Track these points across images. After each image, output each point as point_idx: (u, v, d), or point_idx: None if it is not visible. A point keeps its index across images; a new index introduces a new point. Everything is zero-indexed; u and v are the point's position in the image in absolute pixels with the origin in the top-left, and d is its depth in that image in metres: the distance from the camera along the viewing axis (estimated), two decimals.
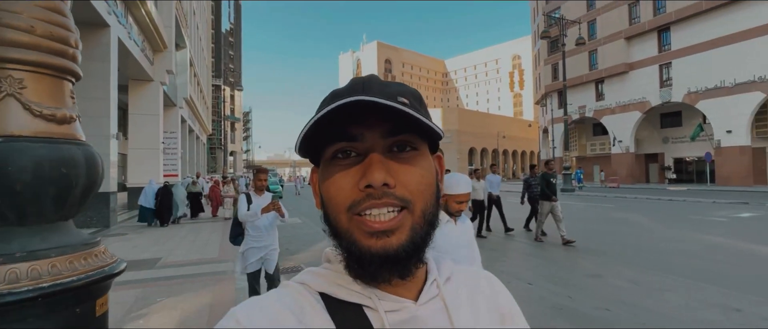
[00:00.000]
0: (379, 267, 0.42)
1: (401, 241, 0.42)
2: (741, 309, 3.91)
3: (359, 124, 0.43)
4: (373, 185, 0.41)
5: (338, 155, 0.44)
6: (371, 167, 0.41)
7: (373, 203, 0.41)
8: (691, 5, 27.19)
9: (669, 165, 32.58)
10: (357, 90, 0.44)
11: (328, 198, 0.44)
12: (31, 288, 0.98)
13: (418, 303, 0.46)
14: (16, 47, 1.05)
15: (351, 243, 0.42)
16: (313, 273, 0.48)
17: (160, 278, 5.12)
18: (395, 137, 0.44)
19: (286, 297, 0.45)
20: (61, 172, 1.08)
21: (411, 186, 0.43)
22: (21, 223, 1.05)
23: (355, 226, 0.42)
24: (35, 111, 1.06)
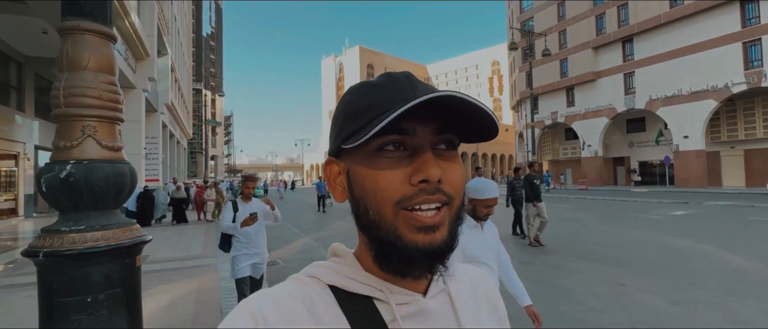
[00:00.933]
0: (422, 262, 0.42)
1: (444, 236, 0.43)
2: (624, 283, 4.90)
3: (412, 119, 0.43)
4: (430, 181, 0.42)
5: (387, 147, 0.44)
6: (428, 163, 0.42)
7: (426, 198, 0.42)
8: (652, 18, 29.07)
9: (635, 168, 34.44)
10: (404, 85, 0.45)
11: (373, 191, 0.43)
12: (104, 245, 1.75)
13: (426, 296, 0.47)
14: (92, 107, 1.82)
15: (396, 238, 0.42)
16: (322, 267, 0.48)
17: (149, 271, 5.79)
18: (443, 135, 0.45)
19: (297, 291, 0.45)
20: (117, 180, 1.85)
21: (455, 184, 0.44)
22: (95, 209, 1.81)
23: (402, 220, 0.42)
24: (102, 144, 1.83)
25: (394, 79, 0.47)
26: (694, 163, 27.23)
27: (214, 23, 75.32)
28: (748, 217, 11.50)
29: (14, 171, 14.71)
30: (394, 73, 0.48)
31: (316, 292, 0.45)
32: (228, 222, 3.54)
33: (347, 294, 0.45)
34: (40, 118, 16.68)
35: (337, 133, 0.48)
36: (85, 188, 1.79)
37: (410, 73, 0.48)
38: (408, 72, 0.48)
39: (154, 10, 17.29)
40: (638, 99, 30.68)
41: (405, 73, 0.48)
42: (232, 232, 3.56)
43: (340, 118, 0.48)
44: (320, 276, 0.47)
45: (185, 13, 39.98)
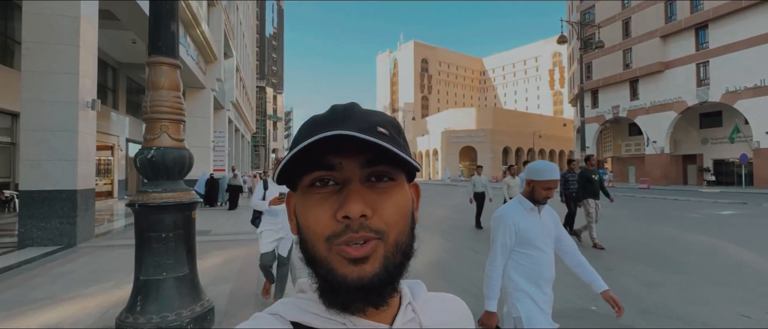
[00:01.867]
0: (355, 296, 0.42)
1: (375, 269, 0.42)
2: (612, 268, 5.23)
3: (338, 154, 0.43)
4: (352, 217, 0.41)
5: (316, 183, 0.44)
6: (349, 198, 0.42)
7: (351, 236, 0.41)
8: (729, 3, 26.44)
9: (708, 166, 31.57)
10: (337, 118, 0.45)
11: (305, 227, 0.44)
12: (172, 201, 2.75)
13: (393, 326, 0.47)
14: (165, 113, 2.81)
15: (328, 272, 0.42)
16: (285, 304, 0.48)
17: (210, 240, 7.10)
18: (373, 167, 0.44)
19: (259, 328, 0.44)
20: (181, 161, 2.85)
21: (386, 217, 0.44)
22: (167, 179, 2.82)
23: (334, 255, 0.42)
24: (172, 137, 2.82)
25: (334, 112, 0.47)
26: None
27: (276, 24, 79.82)
28: None
29: (110, 160, 17.45)
30: (338, 106, 0.48)
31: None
32: (257, 199, 3.80)
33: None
34: (130, 114, 19.47)
35: None
36: (161, 165, 2.80)
37: (353, 104, 0.48)
38: (352, 103, 0.48)
39: (221, 17, 19.35)
40: (712, 91, 28.07)
41: (348, 104, 0.48)
42: (261, 209, 3.76)
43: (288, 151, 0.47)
44: (282, 314, 0.47)
45: (250, 15, 43.19)
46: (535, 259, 1.91)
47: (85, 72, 6.63)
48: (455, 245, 7.35)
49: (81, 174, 6.48)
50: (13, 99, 11.01)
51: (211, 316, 2.97)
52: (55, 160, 6.29)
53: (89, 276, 4.68)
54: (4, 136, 11.63)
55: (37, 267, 5.08)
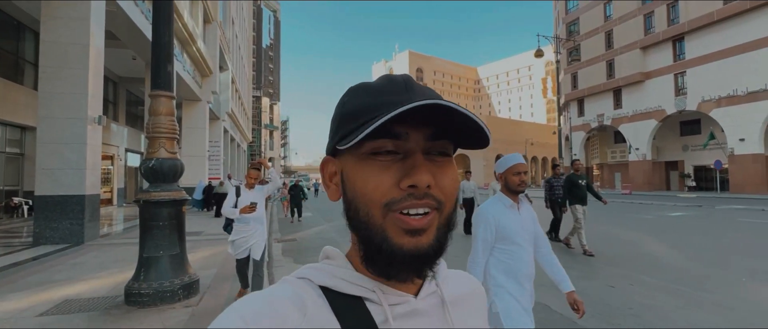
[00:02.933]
0: (408, 265, 0.42)
1: (430, 241, 0.43)
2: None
3: (405, 123, 0.43)
4: (419, 186, 0.41)
5: (380, 151, 0.44)
6: (418, 168, 0.42)
7: (414, 203, 0.42)
8: (704, 16, 27.76)
9: (689, 173, 32.67)
10: (400, 88, 0.46)
11: (362, 193, 0.44)
12: (167, 198, 3.71)
13: (418, 297, 0.47)
14: (163, 133, 3.78)
15: (383, 239, 0.42)
16: (313, 268, 0.48)
17: (201, 239, 8.02)
18: (435, 141, 0.45)
19: (288, 292, 0.44)
20: (174, 169, 3.81)
21: (446, 190, 0.44)
22: (164, 182, 3.78)
23: (391, 223, 0.42)
24: (168, 151, 3.78)
25: (391, 81, 0.47)
26: (751, 167, 25.58)
27: (273, 35, 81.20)
28: (740, 219, 11.78)
29: (111, 169, 18.35)
30: (394, 76, 0.48)
31: (307, 293, 0.45)
32: (229, 207, 3.80)
33: (339, 295, 0.45)
34: (130, 126, 20.42)
35: (334, 133, 0.48)
36: (159, 172, 3.77)
37: (409, 76, 0.48)
38: (407, 75, 0.48)
39: (217, 33, 20.42)
40: (690, 100, 29.27)
41: (404, 75, 0.48)
42: (231, 216, 3.78)
43: (336, 118, 0.48)
44: (311, 278, 0.47)
45: (246, 28, 44.43)
46: (514, 255, 1.94)
47: (93, 92, 7.60)
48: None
49: (89, 182, 7.42)
50: (24, 114, 11.97)
51: (196, 286, 3.91)
52: (66, 169, 7.23)
53: (98, 265, 5.60)
54: (14, 147, 12.56)
55: (52, 259, 5.99)
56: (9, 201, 11.83)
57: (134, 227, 10.39)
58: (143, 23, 10.36)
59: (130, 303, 3.57)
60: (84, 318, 3.36)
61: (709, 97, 27.95)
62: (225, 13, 25.24)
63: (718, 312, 3.86)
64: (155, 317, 3.36)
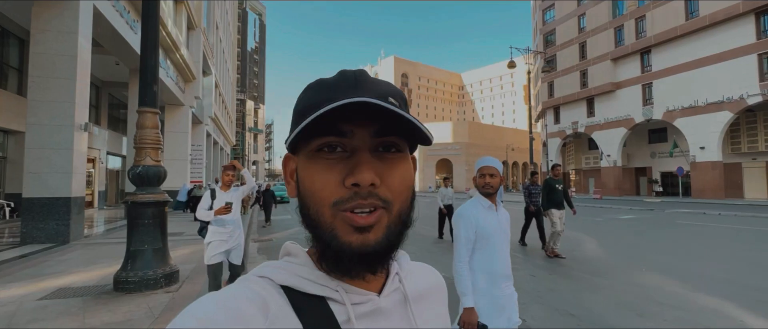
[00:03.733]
0: (357, 263, 0.42)
1: (377, 238, 0.43)
2: None
3: (349, 121, 0.43)
4: (362, 185, 0.41)
5: (324, 148, 0.44)
6: (360, 166, 0.42)
7: (359, 202, 0.42)
8: (668, 30, 29.45)
9: (656, 178, 34.32)
10: (348, 85, 0.45)
11: (311, 192, 0.44)
12: (152, 200, 4.34)
13: (381, 295, 0.47)
14: (148, 144, 4.40)
15: (332, 237, 0.42)
16: (273, 266, 0.47)
17: (182, 239, 8.56)
18: (383, 138, 0.45)
19: (247, 291, 0.43)
20: (158, 174, 4.43)
21: (393, 188, 0.44)
22: (148, 185, 4.40)
23: (340, 221, 0.42)
24: (152, 159, 4.41)
25: (344, 77, 0.47)
26: (710, 174, 27.20)
27: (258, 38, 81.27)
28: (678, 221, 13.02)
29: (92, 172, 18.53)
30: (347, 71, 0.47)
31: (268, 292, 0.43)
32: (203, 209, 3.67)
33: (301, 295, 0.44)
34: (111, 129, 20.61)
35: (290, 129, 0.47)
36: (145, 177, 4.39)
37: (362, 71, 0.48)
38: (361, 70, 0.48)
39: (200, 39, 20.84)
40: (656, 110, 30.90)
41: (357, 71, 0.48)
42: (206, 218, 3.65)
43: (293, 114, 0.48)
44: (272, 277, 0.45)
45: (230, 32, 44.67)
46: (491, 255, 1.97)
47: (80, 101, 8.09)
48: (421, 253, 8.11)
49: (75, 185, 7.89)
50: (6, 118, 12.24)
51: (176, 276, 4.53)
52: (53, 173, 7.70)
53: (85, 261, 6.12)
54: None
55: (40, 257, 6.48)
56: None
57: (115, 228, 10.83)
58: (127, 32, 10.83)
59: (119, 289, 4.17)
60: (78, 301, 3.94)
61: (673, 107, 29.59)
62: (209, 19, 25.63)
63: (607, 295, 4.67)
64: (140, 300, 3.96)
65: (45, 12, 7.86)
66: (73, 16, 7.98)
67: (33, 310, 3.70)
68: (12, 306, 3.79)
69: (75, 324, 3.30)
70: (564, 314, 3.99)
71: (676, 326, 3.64)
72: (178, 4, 17.04)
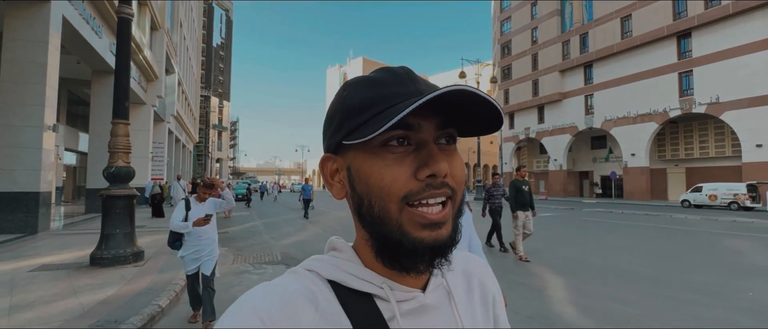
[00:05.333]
0: (427, 258, 0.42)
1: (449, 232, 0.43)
2: None
3: (416, 114, 0.42)
4: (438, 175, 0.41)
5: (392, 142, 0.43)
6: (435, 157, 0.42)
7: (433, 193, 0.41)
8: (606, 47, 32.46)
9: (597, 181, 37.55)
10: (404, 79, 0.45)
11: (378, 187, 0.43)
12: (122, 194, 5.44)
13: (426, 292, 0.47)
14: (120, 149, 5.49)
15: (402, 234, 0.42)
16: (321, 261, 0.47)
17: (144, 231, 9.48)
18: (445, 130, 0.45)
19: (299, 285, 0.43)
20: (128, 173, 5.53)
21: (458, 177, 0.44)
22: (120, 182, 5.49)
23: (407, 217, 0.42)
24: (123, 161, 5.49)
25: (394, 73, 0.46)
26: (639, 178, 30.36)
27: (225, 34, 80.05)
28: (585, 218, 15.20)
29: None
30: (393, 68, 0.47)
31: (317, 286, 0.44)
32: (178, 221, 3.58)
33: (347, 290, 0.44)
34: (69, 125, 20.63)
35: (336, 128, 0.46)
36: (117, 175, 5.49)
37: (408, 68, 0.47)
38: (406, 66, 0.47)
39: (164, 40, 21.27)
40: (596, 119, 33.94)
41: (403, 67, 0.47)
42: (182, 231, 3.59)
43: (338, 113, 0.47)
44: (319, 271, 0.46)
45: (195, 29, 44.36)
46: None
47: (49, 103, 8.85)
48: None
49: (43, 180, 8.65)
50: None
51: (142, 255, 5.65)
52: (23, 170, 8.43)
53: (58, 247, 7.03)
54: None
55: (13, 244, 7.28)
56: None
57: (76, 222, 11.51)
58: (92, 37, 11.51)
59: (95, 264, 5.23)
60: (62, 272, 4.99)
61: (610, 117, 32.65)
62: (173, 18, 25.90)
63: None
64: (114, 272, 5.06)
65: (16, 21, 8.57)
66: (43, 25, 8.72)
67: (26, 278, 4.73)
68: (7, 276, 4.80)
69: (64, 286, 4.39)
70: None
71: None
72: (141, 6, 17.52)
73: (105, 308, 3.71)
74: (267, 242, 9.09)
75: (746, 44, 24.34)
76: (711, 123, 28.04)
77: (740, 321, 3.97)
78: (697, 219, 15.51)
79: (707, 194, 21.77)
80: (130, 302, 3.90)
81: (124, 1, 5.57)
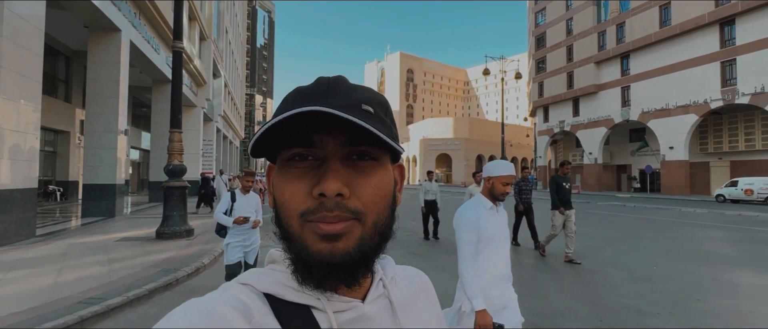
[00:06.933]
0: (327, 274, 0.41)
1: (348, 248, 0.41)
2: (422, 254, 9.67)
3: (320, 130, 0.42)
4: (327, 195, 0.40)
5: (295, 158, 0.43)
6: (326, 176, 0.41)
7: (325, 214, 0.41)
8: (644, 37, 31.50)
9: (635, 175, 36.50)
10: (321, 92, 0.44)
11: (281, 202, 0.43)
12: (178, 185, 7.23)
13: (365, 302, 0.47)
14: (176, 152, 7.27)
15: (302, 248, 0.42)
16: (257, 274, 0.47)
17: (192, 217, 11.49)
18: (355, 147, 0.43)
19: (230, 298, 0.42)
20: (182, 169, 7.32)
21: (364, 198, 0.43)
22: (176, 176, 7.27)
23: (308, 231, 0.41)
24: (178, 159, 7.27)
25: (318, 84, 0.46)
26: (677, 172, 29.38)
27: (267, 35, 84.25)
28: (589, 211, 15.62)
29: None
30: (322, 78, 0.46)
31: (251, 299, 0.43)
32: (222, 213, 3.79)
33: (283, 303, 0.44)
34: (133, 126, 23.67)
35: None
36: (174, 171, 7.30)
37: (339, 78, 0.46)
38: (339, 76, 0.47)
39: (211, 48, 23.75)
40: (633, 111, 33.02)
41: (334, 77, 0.46)
42: (225, 224, 3.76)
43: None
44: (254, 284, 0.45)
45: (240, 33, 47.63)
46: (492, 256, 1.97)
47: (121, 112, 11.02)
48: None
49: (118, 175, 10.83)
50: (57, 121, 15.30)
51: (192, 231, 7.43)
52: (103, 166, 10.64)
53: (131, 226, 9.03)
54: (50, 146, 15.92)
55: (100, 224, 9.39)
56: (45, 188, 15.18)
57: (142, 208, 13.83)
58: (152, 54, 13.73)
59: (159, 238, 7.05)
60: (137, 242, 6.84)
61: (647, 109, 31.71)
62: (219, 27, 28.52)
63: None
64: (173, 243, 6.84)
65: (96, 47, 10.75)
66: (116, 49, 10.86)
67: (114, 245, 6.61)
68: (101, 243, 6.71)
69: (140, 250, 6.20)
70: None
71: None
72: (191, 21, 19.89)
73: (167, 263, 5.41)
74: None
75: None
76: (758, 114, 26.63)
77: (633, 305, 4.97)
78: (704, 212, 15.47)
79: (743, 189, 21.08)
80: (183, 260, 5.58)
81: (177, 38, 7.30)
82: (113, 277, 4.62)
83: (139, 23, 12.27)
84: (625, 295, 4.66)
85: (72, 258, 5.63)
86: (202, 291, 4.52)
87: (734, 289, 4.96)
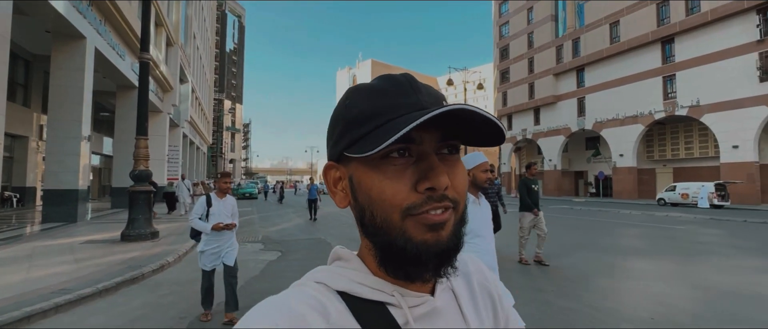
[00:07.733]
0: (432, 263, 0.42)
1: (449, 235, 0.43)
2: None
3: (418, 128, 0.41)
4: (438, 189, 0.41)
5: (393, 154, 0.43)
6: (435, 171, 0.42)
7: (434, 205, 0.42)
8: (596, 52, 33.78)
9: (590, 181, 38.78)
10: (407, 90, 0.45)
11: (380, 199, 0.43)
12: (143, 189, 7.60)
13: (434, 295, 0.48)
14: (142, 158, 7.63)
15: (406, 240, 0.42)
16: (329, 272, 0.47)
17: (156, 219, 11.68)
18: (447, 141, 0.45)
19: (307, 297, 0.43)
20: (148, 175, 7.68)
21: (459, 188, 0.44)
22: (142, 181, 7.63)
23: (411, 224, 0.42)
24: (144, 165, 7.63)
25: (396, 82, 0.46)
26: (627, 178, 31.61)
27: (237, 39, 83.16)
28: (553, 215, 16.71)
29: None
30: (395, 76, 0.47)
31: (327, 298, 0.43)
32: (196, 217, 3.65)
33: (358, 300, 0.44)
34: (95, 131, 23.17)
35: (338, 138, 0.47)
36: (139, 176, 7.66)
37: (410, 76, 0.47)
38: (408, 74, 0.47)
39: (178, 53, 23.68)
40: (587, 121, 35.24)
41: (405, 75, 0.47)
42: (202, 230, 3.64)
43: (340, 122, 0.47)
44: (328, 282, 0.45)
45: (208, 38, 47.11)
46: (478, 247, 1.98)
47: (85, 119, 11.12)
48: None
49: (81, 180, 10.91)
50: (15, 125, 15.00)
51: (157, 234, 7.77)
52: (66, 172, 10.70)
53: (94, 230, 9.21)
54: (6, 151, 15.54)
55: (61, 229, 9.49)
56: (1, 194, 14.81)
57: (104, 214, 13.80)
58: (117, 60, 13.79)
59: (124, 240, 7.36)
60: (103, 244, 7.13)
61: (600, 119, 33.94)
62: (186, 33, 28.36)
63: None
64: (138, 245, 7.18)
65: (60, 54, 10.83)
66: (81, 57, 10.98)
67: (80, 246, 6.89)
68: (67, 245, 6.97)
69: (105, 251, 6.53)
70: None
71: None
72: (158, 27, 19.89)
73: (132, 262, 5.80)
74: (255, 229, 11.18)
75: (723, 50, 25.50)
76: (695, 125, 29.14)
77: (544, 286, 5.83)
78: (638, 214, 17.04)
79: (680, 193, 23.10)
80: (148, 259, 5.98)
81: (144, 50, 7.69)
82: (82, 273, 5.01)
83: (105, 30, 12.40)
84: (534, 278, 5.51)
85: (39, 258, 5.92)
86: (168, 285, 5.01)
87: (621, 272, 5.97)
